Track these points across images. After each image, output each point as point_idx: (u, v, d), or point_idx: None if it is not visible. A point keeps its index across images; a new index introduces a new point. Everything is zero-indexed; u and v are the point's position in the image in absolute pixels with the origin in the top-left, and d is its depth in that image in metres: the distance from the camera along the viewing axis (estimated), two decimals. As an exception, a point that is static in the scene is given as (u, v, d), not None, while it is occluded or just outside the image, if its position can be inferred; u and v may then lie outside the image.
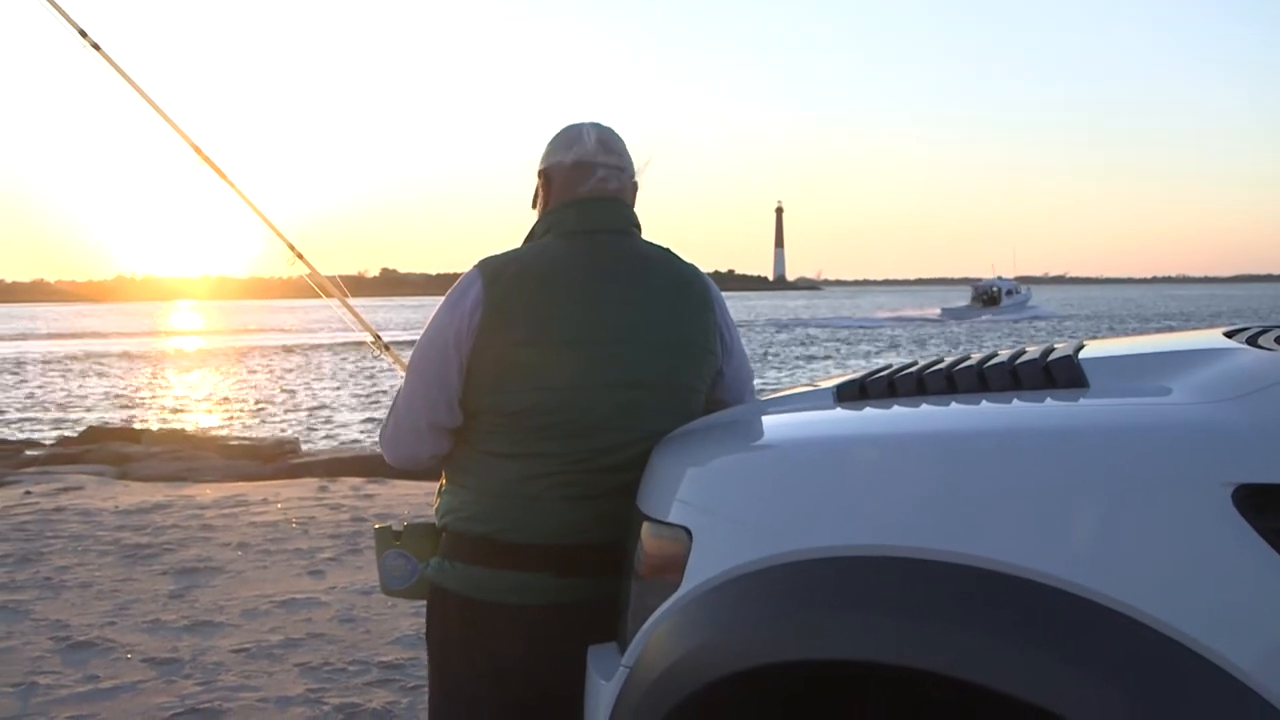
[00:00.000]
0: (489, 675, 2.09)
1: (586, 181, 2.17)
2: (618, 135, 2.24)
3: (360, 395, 25.87)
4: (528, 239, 2.22)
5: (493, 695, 2.10)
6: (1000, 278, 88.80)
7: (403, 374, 2.23)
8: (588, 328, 2.04)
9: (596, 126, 2.22)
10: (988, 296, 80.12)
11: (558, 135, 2.23)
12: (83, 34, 3.09)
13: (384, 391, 25.86)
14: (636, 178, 2.25)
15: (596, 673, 1.84)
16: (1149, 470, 1.34)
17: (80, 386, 29.16)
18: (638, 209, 2.24)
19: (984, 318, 70.36)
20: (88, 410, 23.24)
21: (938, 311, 76.60)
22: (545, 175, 2.23)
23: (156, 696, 4.28)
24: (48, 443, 15.10)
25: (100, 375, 33.15)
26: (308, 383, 29.52)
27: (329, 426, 20.12)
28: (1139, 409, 1.48)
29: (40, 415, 22.38)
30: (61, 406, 24.04)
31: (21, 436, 17.24)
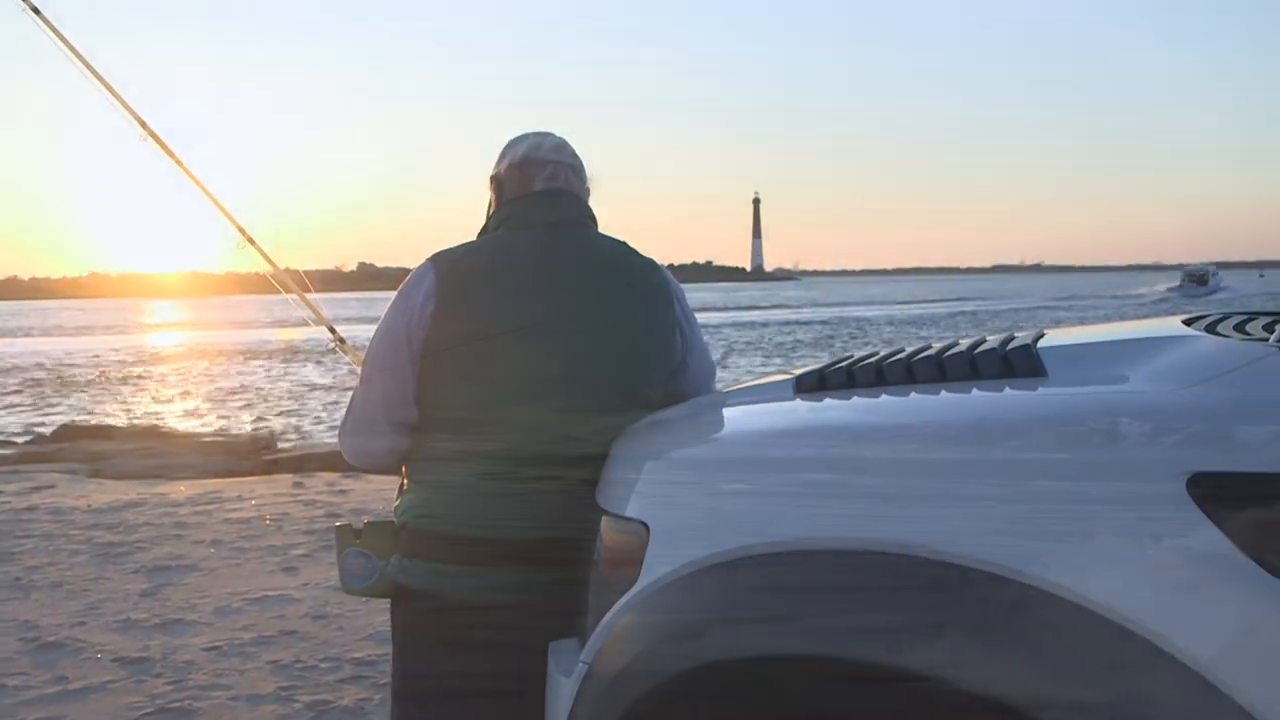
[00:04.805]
0: (451, 671, 2.08)
1: (539, 176, 2.15)
2: (568, 142, 2.23)
3: (335, 390, 25.76)
4: (481, 233, 2.20)
5: (455, 691, 2.08)
6: (1204, 263, 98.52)
7: (359, 369, 2.21)
8: (542, 319, 2.02)
9: (547, 133, 2.21)
10: (1198, 278, 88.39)
11: (507, 143, 2.22)
12: None
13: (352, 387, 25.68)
14: (588, 184, 2.23)
15: (557, 669, 1.82)
16: (1105, 458, 1.33)
17: (55, 386, 28.92)
18: (600, 207, 2.22)
19: (1218, 294, 77.69)
20: (62, 409, 23.03)
21: (1163, 290, 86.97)
22: (496, 181, 2.21)
23: (126, 696, 4.24)
24: (19, 441, 14.94)
25: (76, 374, 32.87)
26: (282, 378, 29.36)
27: (304, 422, 20.00)
28: (1096, 397, 1.48)
29: (11, 415, 22.17)
30: (34, 406, 23.82)
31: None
